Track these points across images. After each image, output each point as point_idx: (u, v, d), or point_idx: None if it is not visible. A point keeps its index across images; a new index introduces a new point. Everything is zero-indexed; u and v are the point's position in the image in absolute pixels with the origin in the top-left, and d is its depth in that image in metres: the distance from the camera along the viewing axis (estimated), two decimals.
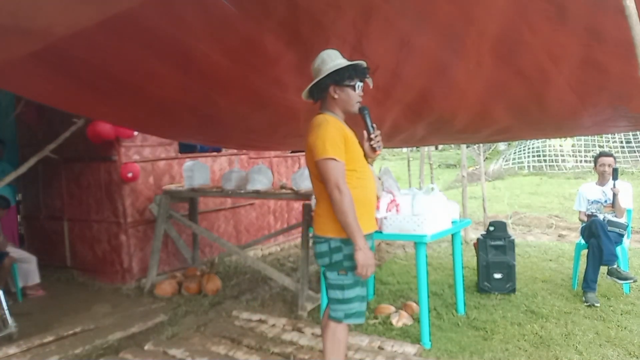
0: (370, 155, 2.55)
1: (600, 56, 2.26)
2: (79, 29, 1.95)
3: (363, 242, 2.32)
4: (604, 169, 4.45)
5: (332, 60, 2.39)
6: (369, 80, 2.49)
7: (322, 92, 2.46)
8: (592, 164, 4.69)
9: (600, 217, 4.33)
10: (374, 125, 2.50)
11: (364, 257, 2.31)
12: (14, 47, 2.07)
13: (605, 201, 4.41)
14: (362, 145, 2.52)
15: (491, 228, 4.57)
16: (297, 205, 7.17)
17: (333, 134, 2.36)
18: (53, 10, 1.67)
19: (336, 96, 2.45)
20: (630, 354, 3.19)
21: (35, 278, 4.99)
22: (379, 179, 2.70)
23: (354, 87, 2.43)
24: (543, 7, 1.99)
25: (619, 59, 2.18)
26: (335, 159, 2.34)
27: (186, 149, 5.98)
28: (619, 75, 2.36)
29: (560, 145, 15.61)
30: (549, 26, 2.11)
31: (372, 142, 2.50)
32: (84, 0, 1.71)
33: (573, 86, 2.65)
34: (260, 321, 3.98)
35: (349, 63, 2.38)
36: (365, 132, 2.50)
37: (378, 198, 2.66)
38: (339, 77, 2.39)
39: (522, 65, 2.50)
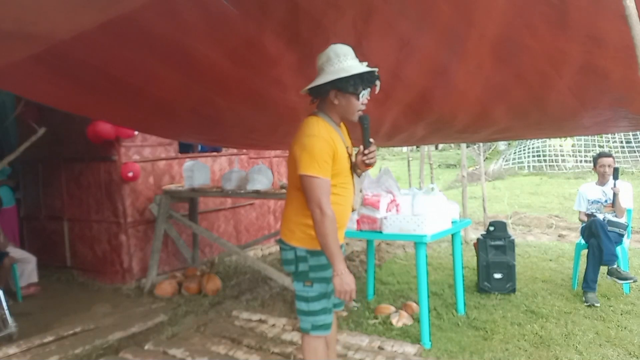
0: (361, 168, 2.41)
1: (601, 61, 2.26)
2: (80, 32, 1.95)
3: (342, 267, 2.18)
4: (604, 170, 4.45)
5: (340, 61, 2.20)
6: (377, 86, 2.32)
7: (322, 94, 2.29)
8: (592, 164, 4.69)
9: (600, 217, 4.33)
10: (372, 140, 2.33)
11: (341, 283, 2.17)
12: (17, 50, 2.07)
13: (606, 201, 4.41)
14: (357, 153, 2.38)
15: (491, 228, 4.57)
16: None
17: (322, 148, 2.20)
18: (56, 14, 1.67)
19: (336, 102, 2.28)
20: (630, 354, 3.19)
21: (33, 277, 4.99)
22: (361, 191, 2.55)
23: (357, 96, 2.25)
24: (544, 10, 1.98)
25: (619, 63, 2.17)
26: (320, 177, 2.19)
27: (186, 148, 5.99)
28: (620, 79, 2.36)
29: (560, 145, 15.60)
30: (549, 31, 2.11)
31: (365, 158, 2.33)
32: (87, 4, 1.71)
33: (573, 90, 2.64)
34: (260, 321, 3.98)
35: (355, 72, 2.19)
36: (361, 145, 2.34)
37: (354, 209, 2.52)
38: (343, 85, 2.22)
39: (522, 69, 2.50)
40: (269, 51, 2.53)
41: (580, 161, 15.06)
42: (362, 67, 2.22)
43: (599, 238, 4.13)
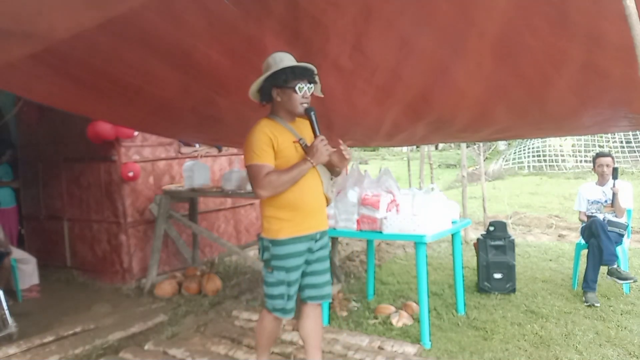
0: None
1: (602, 61, 2.26)
2: (80, 31, 1.95)
3: (308, 157, 2.46)
4: (603, 170, 4.44)
5: (277, 63, 2.43)
6: (317, 86, 2.54)
7: (267, 95, 2.54)
8: (592, 164, 4.68)
9: (600, 217, 4.33)
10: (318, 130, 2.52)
11: (316, 147, 2.45)
12: (15, 49, 2.07)
13: (606, 201, 4.40)
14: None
15: (491, 228, 4.56)
16: None
17: (258, 138, 2.46)
18: (55, 13, 1.67)
19: (279, 99, 2.52)
20: (630, 354, 3.19)
21: (34, 279, 4.98)
22: (331, 179, 2.72)
23: (294, 89, 2.46)
24: (544, 10, 1.98)
25: (620, 63, 2.17)
26: (257, 164, 2.46)
27: None
28: (620, 78, 2.36)
29: (560, 145, 15.58)
30: (550, 30, 2.11)
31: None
32: (86, 4, 1.71)
33: (574, 89, 2.64)
34: None
35: (286, 65, 2.41)
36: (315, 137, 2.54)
37: (328, 199, 2.70)
38: (277, 80, 2.45)
39: (522, 68, 2.50)
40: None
41: (580, 161, 15.02)
42: (293, 63, 2.44)
43: (599, 238, 4.13)
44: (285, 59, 2.45)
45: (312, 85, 2.51)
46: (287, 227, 2.52)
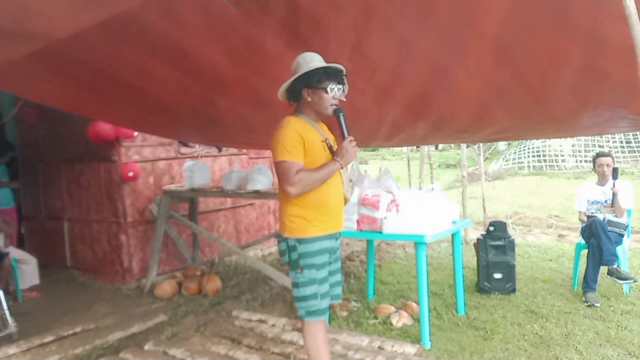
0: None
1: (602, 62, 2.26)
2: (79, 31, 1.95)
3: (337, 158, 2.47)
4: (603, 169, 4.44)
5: (307, 63, 2.43)
6: (345, 87, 2.51)
7: (297, 95, 2.52)
8: (592, 164, 4.68)
9: (600, 217, 4.33)
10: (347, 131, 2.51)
11: (346, 149, 2.46)
12: (15, 49, 2.07)
13: (606, 201, 4.39)
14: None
15: (491, 228, 4.56)
16: None
17: (289, 135, 2.42)
18: (55, 13, 1.67)
19: (309, 99, 2.49)
20: (630, 354, 3.19)
21: (34, 279, 4.98)
22: (350, 180, 2.72)
23: (325, 90, 2.45)
24: (544, 10, 1.98)
25: (620, 64, 2.17)
26: (288, 161, 2.41)
27: None
28: (620, 80, 2.36)
29: (560, 145, 15.57)
30: (549, 31, 2.11)
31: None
32: (86, 3, 1.71)
33: (574, 90, 2.64)
34: (260, 321, 3.98)
35: (319, 66, 2.40)
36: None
37: (346, 200, 2.69)
38: (309, 80, 2.43)
39: (522, 68, 2.50)
40: (269, 50, 2.54)
41: (580, 161, 15.02)
42: (323, 63, 2.43)
43: (599, 238, 4.12)
44: (315, 59, 2.44)
45: (341, 86, 2.50)
46: (313, 225, 2.49)
